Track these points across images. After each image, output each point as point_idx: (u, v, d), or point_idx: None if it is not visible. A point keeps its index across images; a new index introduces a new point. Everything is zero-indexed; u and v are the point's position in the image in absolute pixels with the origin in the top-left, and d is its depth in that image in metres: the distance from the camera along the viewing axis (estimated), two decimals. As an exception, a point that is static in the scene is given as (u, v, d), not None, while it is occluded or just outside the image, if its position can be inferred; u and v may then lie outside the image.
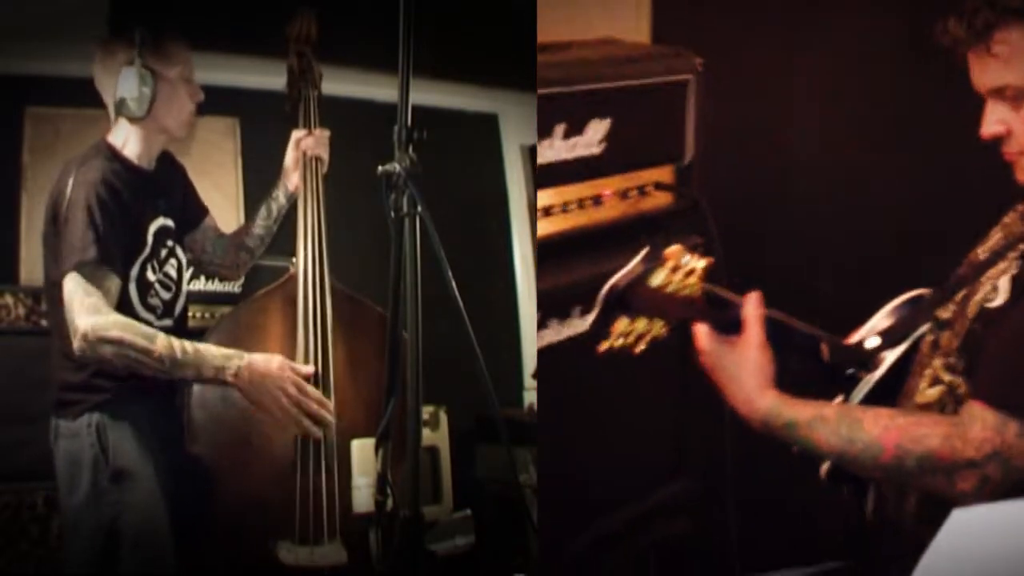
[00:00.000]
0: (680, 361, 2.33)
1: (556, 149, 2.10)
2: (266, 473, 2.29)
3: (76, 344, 2.08)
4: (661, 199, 2.35)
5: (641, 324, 1.69)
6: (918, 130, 2.67)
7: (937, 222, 2.55)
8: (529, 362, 3.98)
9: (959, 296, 1.72)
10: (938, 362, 1.70)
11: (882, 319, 1.81)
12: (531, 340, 3.97)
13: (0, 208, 3.11)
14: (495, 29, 3.36)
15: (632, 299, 1.65)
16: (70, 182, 2.18)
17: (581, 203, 2.19)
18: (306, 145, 2.57)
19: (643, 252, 1.66)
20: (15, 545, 2.72)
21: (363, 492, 1.87)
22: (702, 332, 1.70)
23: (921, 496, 1.66)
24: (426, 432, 3.31)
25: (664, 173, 2.36)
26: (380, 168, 1.65)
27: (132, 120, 2.27)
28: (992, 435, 1.50)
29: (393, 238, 1.66)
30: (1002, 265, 1.65)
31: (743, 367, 1.67)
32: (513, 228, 4.20)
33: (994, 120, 1.63)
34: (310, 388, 2.23)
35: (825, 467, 1.75)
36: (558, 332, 2.21)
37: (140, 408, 2.23)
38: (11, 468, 2.71)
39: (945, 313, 1.74)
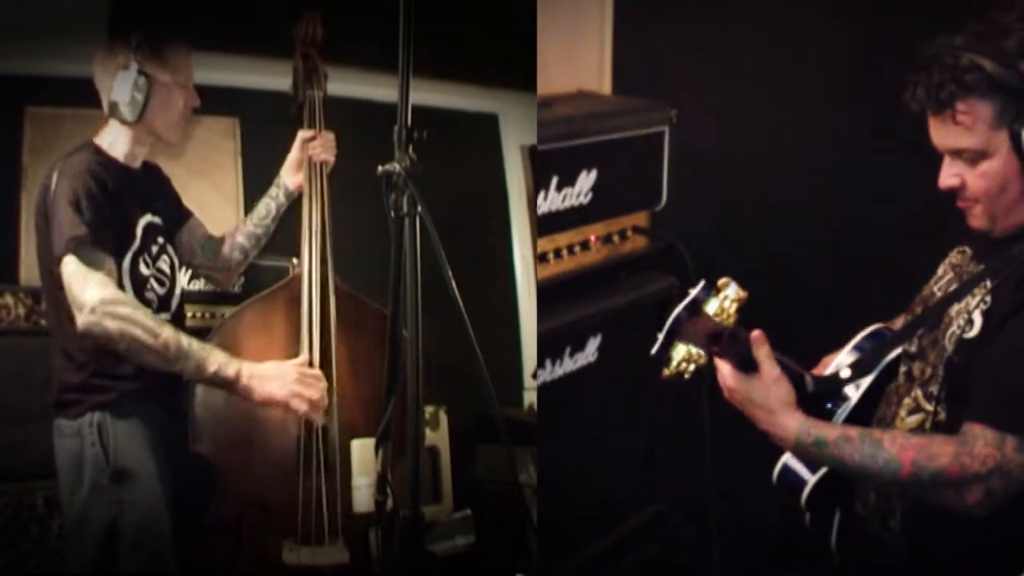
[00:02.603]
0: (649, 390, 2.57)
1: (551, 201, 2.28)
2: (268, 473, 2.30)
3: (82, 320, 2.07)
4: (639, 242, 2.55)
5: (695, 351, 1.83)
6: (882, 163, 2.81)
7: (893, 257, 2.70)
8: (529, 362, 3.97)
9: (922, 331, 1.90)
10: (918, 392, 1.87)
11: (847, 354, 2.00)
12: (531, 340, 3.98)
13: (0, 208, 3.11)
14: (495, 29, 3.36)
15: (689, 327, 1.75)
16: (55, 176, 2.19)
17: (571, 248, 2.38)
18: (312, 147, 2.57)
19: (700, 284, 1.78)
20: (15, 545, 2.72)
21: (363, 492, 1.87)
22: (727, 371, 1.85)
23: (904, 515, 1.85)
24: (426, 432, 3.31)
25: (641, 218, 2.56)
26: (380, 168, 1.66)
27: (123, 123, 2.27)
28: (993, 451, 1.66)
29: (393, 238, 1.66)
30: (969, 300, 1.81)
31: (771, 397, 1.81)
32: (513, 228, 4.19)
33: (951, 174, 1.80)
34: (311, 370, 2.27)
35: (805, 493, 1.96)
36: (552, 372, 2.39)
37: (142, 408, 2.24)
38: (11, 468, 2.70)
39: (911, 347, 1.93)
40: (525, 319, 4.10)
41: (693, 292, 1.76)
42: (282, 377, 2.21)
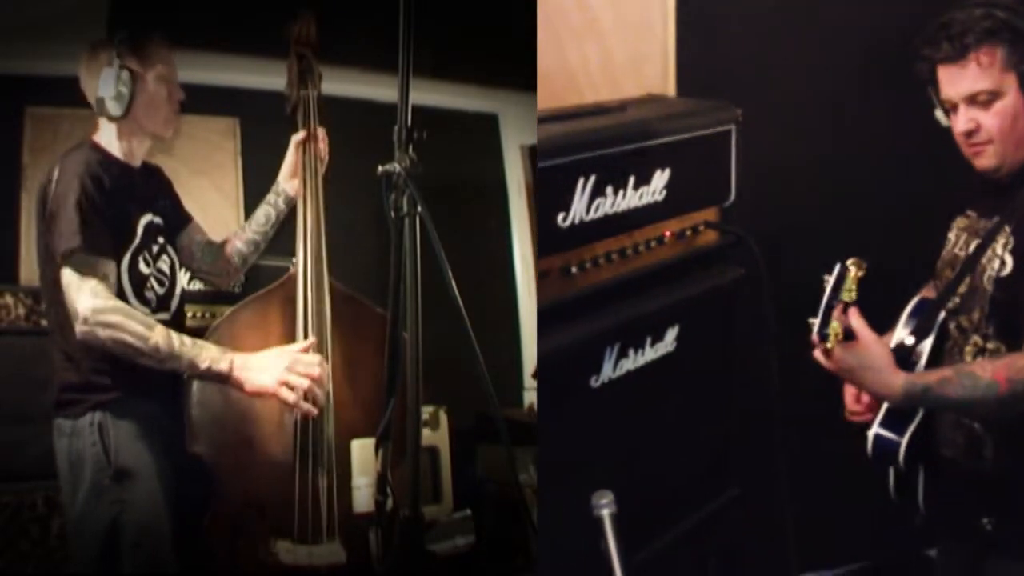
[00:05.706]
0: (726, 377, 2.69)
1: (628, 199, 2.37)
2: (266, 473, 2.29)
3: (78, 329, 2.10)
4: (710, 236, 2.65)
5: (840, 326, 1.98)
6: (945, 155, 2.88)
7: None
8: (529, 362, 3.98)
9: (960, 288, 2.13)
10: (974, 337, 2.11)
11: (903, 327, 2.22)
12: (531, 340, 3.99)
13: (0, 208, 3.11)
14: (495, 29, 3.36)
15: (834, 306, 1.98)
16: (55, 175, 2.20)
17: (648, 244, 2.48)
18: (306, 147, 2.57)
19: (837, 267, 2.00)
20: (15, 545, 2.72)
21: (363, 492, 1.87)
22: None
23: (996, 443, 2.07)
24: (426, 432, 3.31)
25: (711, 213, 2.66)
26: (380, 168, 1.66)
27: (112, 119, 2.29)
28: None
29: (393, 238, 1.66)
30: (995, 246, 2.06)
31: (874, 360, 2.00)
32: (513, 228, 4.20)
33: (967, 119, 2.05)
34: (307, 356, 2.25)
35: (902, 452, 2.11)
36: (635, 361, 2.45)
37: (143, 407, 2.24)
38: (11, 468, 2.71)
39: (952, 305, 2.15)
40: (525, 319, 4.11)
41: (835, 272, 1.99)
42: (272, 366, 2.21)
